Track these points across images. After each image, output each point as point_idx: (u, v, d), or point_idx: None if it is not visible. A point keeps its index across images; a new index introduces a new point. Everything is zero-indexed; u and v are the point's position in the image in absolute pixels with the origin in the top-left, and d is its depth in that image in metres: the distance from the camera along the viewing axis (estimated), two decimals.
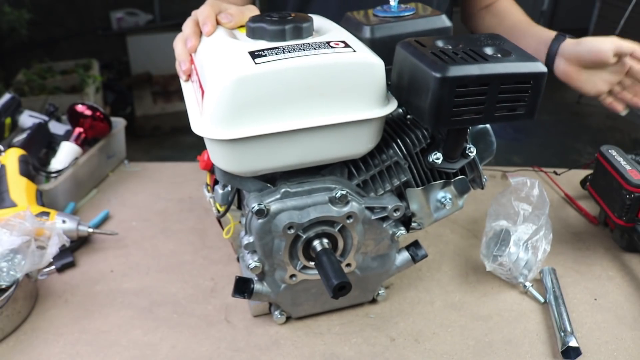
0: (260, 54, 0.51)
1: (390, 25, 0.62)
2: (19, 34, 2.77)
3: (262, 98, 0.50)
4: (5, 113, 1.01)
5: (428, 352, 0.64)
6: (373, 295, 0.70)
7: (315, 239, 0.59)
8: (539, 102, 0.54)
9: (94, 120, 1.01)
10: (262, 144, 0.52)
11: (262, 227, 0.57)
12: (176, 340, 0.66)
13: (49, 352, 0.64)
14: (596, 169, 0.84)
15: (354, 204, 0.58)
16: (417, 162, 0.61)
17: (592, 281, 0.75)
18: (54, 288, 0.75)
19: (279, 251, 0.59)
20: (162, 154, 2.91)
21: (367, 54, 0.53)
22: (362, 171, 0.60)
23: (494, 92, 0.51)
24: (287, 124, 0.51)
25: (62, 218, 0.81)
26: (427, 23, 0.63)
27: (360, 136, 0.55)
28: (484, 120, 0.53)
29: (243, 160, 0.53)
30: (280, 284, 0.63)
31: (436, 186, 0.62)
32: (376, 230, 0.61)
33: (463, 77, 0.49)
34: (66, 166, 0.94)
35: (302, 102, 0.51)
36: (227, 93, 0.49)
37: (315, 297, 0.66)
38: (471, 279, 0.76)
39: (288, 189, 0.57)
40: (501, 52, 0.53)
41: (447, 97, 0.50)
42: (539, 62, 0.52)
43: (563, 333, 0.63)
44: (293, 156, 0.54)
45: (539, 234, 0.72)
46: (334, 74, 0.51)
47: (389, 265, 0.66)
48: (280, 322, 0.68)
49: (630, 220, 0.75)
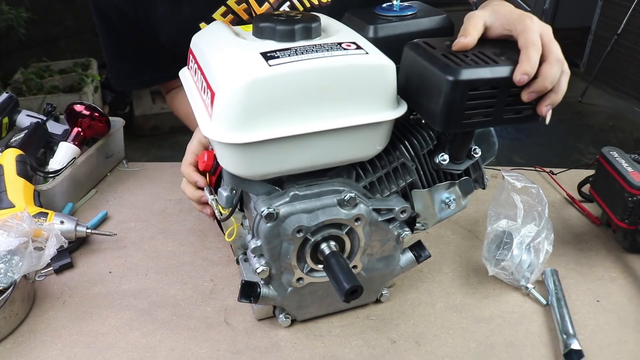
0: (273, 55, 0.50)
1: (394, 24, 0.61)
2: (17, 33, 2.76)
3: (276, 101, 0.49)
4: (3, 113, 1.00)
5: (429, 354, 0.63)
6: (377, 296, 0.70)
7: (323, 242, 0.58)
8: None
9: (92, 120, 1.00)
10: (274, 148, 0.51)
11: (270, 230, 0.56)
12: (175, 342, 0.66)
13: (47, 355, 0.64)
14: (598, 171, 0.84)
15: (362, 206, 0.58)
16: (423, 164, 0.61)
17: (594, 283, 0.74)
18: (51, 289, 0.74)
19: (287, 255, 0.58)
20: (161, 153, 2.91)
21: (379, 55, 0.53)
22: (370, 173, 0.60)
23: (503, 95, 0.52)
24: (299, 127, 0.50)
25: (60, 219, 0.80)
26: (430, 22, 0.63)
27: (371, 139, 0.55)
28: (493, 123, 0.54)
29: (253, 164, 0.52)
30: (286, 287, 0.62)
31: (441, 187, 0.62)
32: (382, 232, 0.61)
33: (475, 80, 0.50)
34: (64, 166, 0.93)
35: (315, 105, 0.50)
36: (240, 95, 0.48)
37: (321, 300, 0.66)
38: (472, 280, 0.75)
39: (297, 192, 0.56)
40: (509, 54, 0.53)
41: (460, 100, 0.50)
42: None
43: (565, 335, 0.63)
44: (304, 159, 0.53)
45: (540, 235, 0.71)
46: (348, 77, 0.50)
47: (394, 265, 0.66)
48: (285, 325, 0.67)
49: (632, 222, 0.75)
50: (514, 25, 0.55)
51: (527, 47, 0.52)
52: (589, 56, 3.72)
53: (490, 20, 0.57)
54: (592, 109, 3.30)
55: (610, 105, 3.37)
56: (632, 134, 3.03)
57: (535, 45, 0.52)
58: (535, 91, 0.52)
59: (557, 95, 0.54)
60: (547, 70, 0.52)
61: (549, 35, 0.54)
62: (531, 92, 0.52)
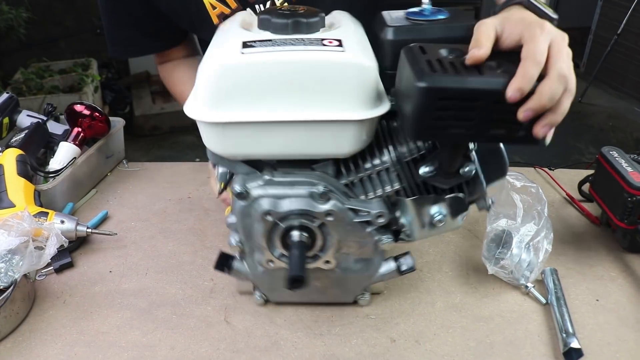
0: (252, 45, 0.53)
1: (411, 28, 0.59)
2: (17, 33, 2.76)
3: (245, 87, 0.52)
4: (3, 113, 1.00)
5: (429, 353, 0.63)
6: (354, 298, 0.70)
7: (295, 230, 0.60)
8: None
9: (93, 120, 1.01)
10: (244, 131, 0.54)
11: (243, 209, 0.59)
12: (175, 341, 0.66)
13: (47, 354, 0.64)
14: (597, 170, 0.84)
15: (336, 202, 0.58)
16: (407, 172, 0.59)
17: (594, 282, 0.74)
18: (52, 289, 0.75)
19: (257, 235, 0.61)
20: (161, 153, 2.91)
21: (357, 55, 0.53)
22: (352, 172, 0.59)
23: (486, 109, 0.47)
24: (266, 114, 0.53)
25: (61, 218, 0.80)
26: (449, 30, 0.59)
27: (344, 136, 0.55)
28: (477, 138, 0.50)
29: (227, 144, 0.56)
30: (258, 266, 0.64)
31: (427, 200, 0.59)
32: (359, 234, 0.61)
33: (447, 89, 0.46)
34: (64, 166, 0.93)
35: (284, 95, 0.52)
36: (213, 79, 0.52)
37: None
38: (472, 279, 0.75)
39: (272, 177, 0.59)
40: (508, 66, 0.48)
41: (429, 108, 0.47)
42: None
43: (565, 334, 0.63)
44: (275, 146, 0.56)
45: (540, 235, 0.71)
46: (316, 71, 0.52)
47: (372, 270, 0.66)
48: (259, 304, 0.71)
49: (632, 222, 0.75)
50: (522, 34, 0.50)
51: (526, 60, 0.47)
52: (589, 56, 3.72)
53: (500, 28, 0.52)
54: (592, 109, 3.30)
55: (610, 105, 3.37)
56: (632, 134, 3.03)
57: (535, 58, 0.47)
58: (531, 109, 0.47)
59: (556, 115, 0.49)
60: (545, 87, 0.47)
61: (559, 47, 0.49)
62: (527, 110, 0.47)
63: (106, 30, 0.91)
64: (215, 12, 0.83)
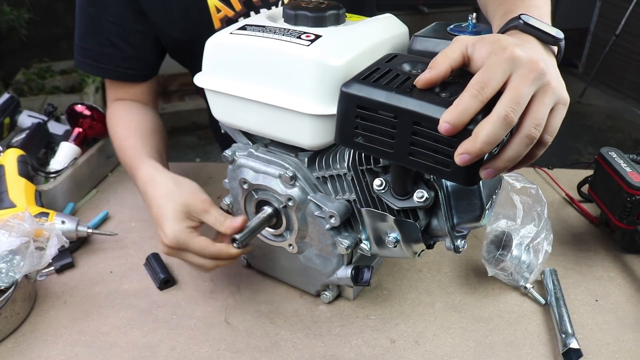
0: (245, 28, 0.60)
1: (430, 41, 0.61)
2: (18, 33, 2.77)
3: (226, 62, 0.60)
4: (4, 113, 1.01)
5: (428, 353, 0.64)
6: (316, 291, 0.71)
7: (266, 205, 0.65)
8: (476, 170, 0.43)
9: (93, 120, 1.01)
10: (227, 101, 0.62)
11: (231, 172, 0.68)
12: (175, 341, 0.66)
13: (48, 354, 0.64)
14: (596, 171, 0.84)
15: (299, 191, 0.61)
16: (362, 182, 0.57)
17: (593, 282, 0.75)
18: (53, 289, 0.75)
19: (239, 199, 0.68)
20: None
21: (322, 53, 0.54)
22: (323, 168, 0.61)
23: (406, 130, 0.44)
24: (240, 90, 0.59)
25: (61, 219, 0.80)
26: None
27: (302, 127, 0.57)
28: (397, 159, 0.47)
29: (217, 110, 0.64)
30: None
31: (376, 216, 0.57)
32: (319, 228, 0.63)
33: (364, 98, 0.45)
34: (65, 166, 0.93)
35: (255, 76, 0.58)
36: (208, 51, 0.61)
37: (267, 260, 0.74)
38: (472, 280, 0.75)
39: (255, 151, 0.65)
40: (449, 90, 0.44)
41: (346, 114, 0.47)
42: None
43: (564, 335, 0.63)
44: (250, 122, 0.62)
45: (540, 236, 0.72)
46: (277, 60, 0.56)
47: (329, 270, 0.67)
48: (242, 265, 0.77)
49: (631, 222, 0.75)
50: (488, 58, 0.43)
51: (467, 89, 0.41)
52: (588, 57, 3.72)
53: (471, 49, 0.45)
54: (591, 110, 3.31)
55: (609, 106, 3.37)
56: (631, 134, 3.03)
57: (475, 88, 0.40)
58: (466, 152, 0.40)
59: (499, 162, 0.42)
60: (482, 129, 0.40)
61: (524, 78, 0.41)
62: (462, 153, 0.40)
63: (80, 39, 0.84)
64: (219, 15, 0.82)
